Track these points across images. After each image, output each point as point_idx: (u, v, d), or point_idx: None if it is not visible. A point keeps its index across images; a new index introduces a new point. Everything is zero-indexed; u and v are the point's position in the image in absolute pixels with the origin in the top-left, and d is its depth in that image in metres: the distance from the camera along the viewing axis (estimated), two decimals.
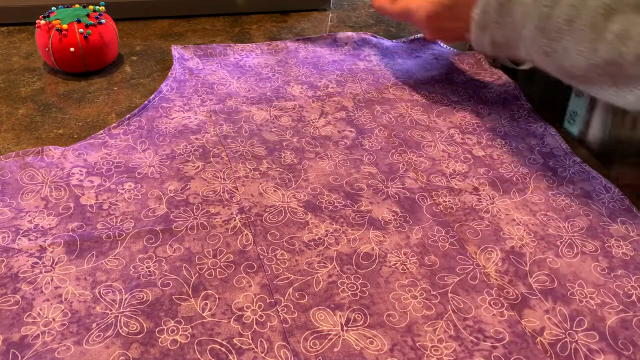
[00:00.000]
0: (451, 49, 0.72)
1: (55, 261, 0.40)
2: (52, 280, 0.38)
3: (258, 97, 0.59)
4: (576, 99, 0.59)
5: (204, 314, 0.37)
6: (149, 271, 0.40)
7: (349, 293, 0.39)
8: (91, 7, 0.62)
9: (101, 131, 0.52)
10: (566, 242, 0.45)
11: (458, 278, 0.41)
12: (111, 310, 0.37)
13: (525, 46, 0.49)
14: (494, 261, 0.43)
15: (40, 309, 0.37)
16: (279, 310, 0.38)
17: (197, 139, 0.52)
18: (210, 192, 0.47)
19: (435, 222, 0.46)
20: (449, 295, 0.40)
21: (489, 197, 0.49)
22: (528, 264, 0.43)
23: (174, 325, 0.36)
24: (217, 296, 0.38)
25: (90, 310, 0.37)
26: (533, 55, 0.50)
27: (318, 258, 0.42)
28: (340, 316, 0.38)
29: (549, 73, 0.50)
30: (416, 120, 0.58)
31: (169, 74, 0.61)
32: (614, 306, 0.40)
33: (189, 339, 0.36)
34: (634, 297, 0.41)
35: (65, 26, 0.58)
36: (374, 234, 0.44)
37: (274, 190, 0.47)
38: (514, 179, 0.51)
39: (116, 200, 0.45)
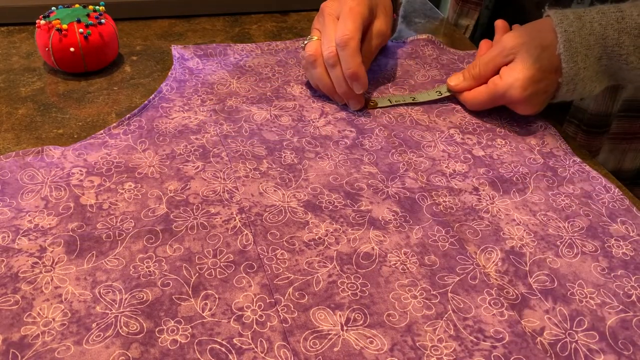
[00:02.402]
0: (451, 49, 0.72)
1: (55, 261, 0.40)
2: (52, 280, 0.38)
3: (258, 97, 0.59)
4: None
5: (204, 314, 0.37)
6: (149, 271, 0.40)
7: (349, 293, 0.39)
8: (91, 7, 0.62)
9: (101, 131, 0.52)
10: (566, 242, 0.45)
11: (458, 278, 0.41)
12: (111, 310, 0.37)
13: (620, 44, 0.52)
14: (494, 261, 0.43)
15: (40, 309, 0.37)
16: (279, 310, 0.38)
17: (197, 138, 0.52)
18: (210, 192, 0.47)
19: (435, 222, 0.46)
20: (449, 295, 0.40)
21: (489, 197, 0.49)
22: (528, 264, 0.43)
23: (174, 325, 0.36)
24: (217, 296, 0.38)
25: (90, 310, 0.37)
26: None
27: (318, 258, 0.42)
28: (340, 316, 0.38)
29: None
30: (416, 120, 0.58)
31: (169, 74, 0.61)
32: (614, 306, 0.40)
33: (189, 339, 0.36)
34: (634, 297, 0.41)
35: (65, 26, 0.58)
36: (374, 233, 0.44)
37: (274, 190, 0.47)
38: (514, 179, 0.51)
39: (116, 200, 0.45)
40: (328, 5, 0.59)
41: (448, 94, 0.61)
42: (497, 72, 0.57)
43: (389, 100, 0.60)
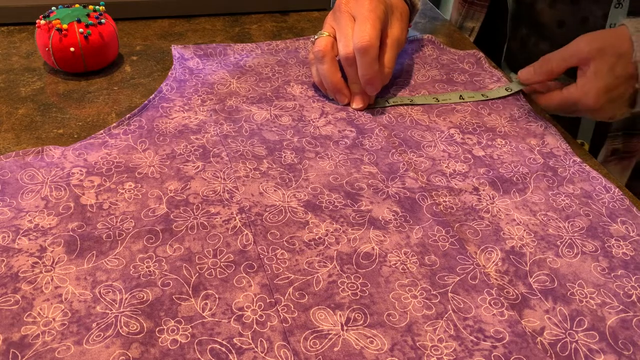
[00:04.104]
0: (451, 49, 0.72)
1: (55, 261, 0.40)
2: (52, 280, 0.38)
3: (258, 97, 0.59)
4: None
5: (204, 314, 0.37)
6: (149, 271, 0.40)
7: (349, 293, 0.39)
8: (91, 7, 0.62)
9: (101, 131, 0.52)
10: (566, 242, 0.45)
11: (458, 278, 0.41)
12: (111, 310, 0.37)
13: None
14: (494, 261, 0.43)
15: (40, 309, 0.37)
16: (279, 309, 0.38)
17: (197, 138, 0.52)
18: (211, 192, 0.47)
19: (436, 222, 0.46)
20: (449, 295, 0.40)
21: (489, 197, 0.49)
22: (528, 264, 0.43)
23: (174, 325, 0.36)
24: (217, 296, 0.38)
25: (90, 310, 0.37)
26: None
27: (318, 258, 0.42)
28: (340, 316, 0.38)
29: None
30: (416, 120, 0.58)
31: (169, 74, 0.61)
32: (614, 306, 0.40)
33: (189, 338, 0.36)
34: (634, 297, 0.41)
35: (65, 26, 0.58)
36: (374, 233, 0.44)
37: (274, 190, 0.47)
38: (514, 179, 0.51)
39: (116, 200, 0.45)
40: (344, 2, 0.58)
41: (445, 100, 0.61)
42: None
43: (386, 101, 0.61)
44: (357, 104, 0.59)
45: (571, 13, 0.70)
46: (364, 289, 0.40)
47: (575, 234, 0.46)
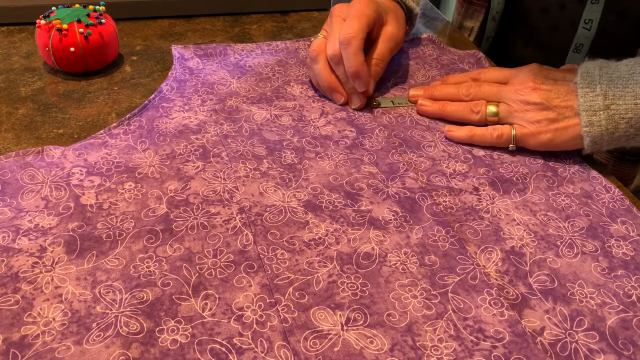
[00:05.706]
0: (451, 49, 0.72)
1: (56, 261, 0.40)
2: (52, 280, 0.38)
3: (258, 97, 0.59)
4: None
5: (204, 314, 0.37)
6: (149, 271, 0.40)
7: (349, 293, 0.39)
8: (91, 7, 0.62)
9: (101, 131, 0.52)
10: (566, 242, 0.45)
11: (458, 278, 0.41)
12: (111, 310, 0.37)
13: None
14: (494, 261, 0.43)
15: (40, 309, 0.37)
16: (279, 309, 0.38)
17: (197, 138, 0.52)
18: (211, 192, 0.47)
19: (436, 222, 0.46)
20: (449, 295, 0.40)
21: (489, 197, 0.49)
22: (528, 264, 0.43)
23: (174, 325, 0.36)
24: (217, 296, 0.38)
25: (90, 310, 0.37)
26: None
27: (318, 258, 0.42)
28: (340, 316, 0.38)
29: None
30: (416, 120, 0.58)
31: (169, 74, 0.61)
32: (614, 306, 0.40)
33: (189, 338, 0.36)
34: (634, 297, 0.41)
35: (65, 26, 0.58)
36: (374, 233, 0.44)
37: (274, 190, 0.47)
38: (514, 179, 0.51)
39: (116, 200, 0.45)
40: (337, 8, 0.60)
41: None
42: None
43: (391, 102, 0.61)
44: (354, 103, 0.59)
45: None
46: (364, 289, 0.40)
47: (575, 234, 0.46)
